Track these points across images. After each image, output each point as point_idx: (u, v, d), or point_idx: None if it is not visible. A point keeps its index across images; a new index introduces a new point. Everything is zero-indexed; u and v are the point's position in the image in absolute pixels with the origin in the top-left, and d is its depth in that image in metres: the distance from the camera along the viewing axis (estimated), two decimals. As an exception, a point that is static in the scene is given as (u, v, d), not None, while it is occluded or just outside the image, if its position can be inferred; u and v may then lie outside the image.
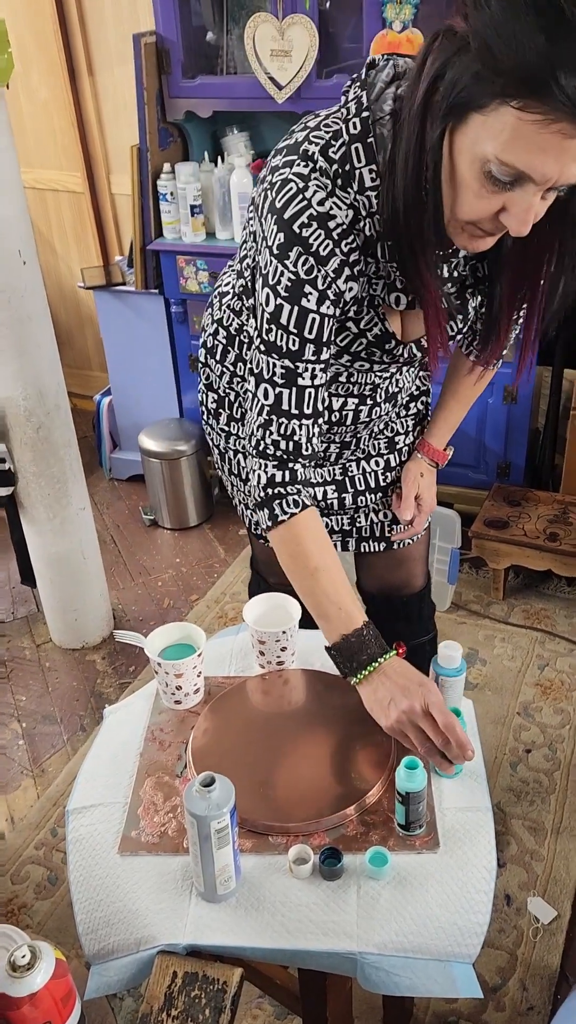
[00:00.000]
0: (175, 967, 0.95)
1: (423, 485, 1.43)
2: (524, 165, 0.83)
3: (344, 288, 1.04)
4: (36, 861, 1.86)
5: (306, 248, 0.99)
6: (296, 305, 1.02)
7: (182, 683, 1.22)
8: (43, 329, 2.03)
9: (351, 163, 0.98)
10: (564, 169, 0.83)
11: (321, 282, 1.01)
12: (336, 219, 0.99)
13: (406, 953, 0.97)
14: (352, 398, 1.26)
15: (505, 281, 1.08)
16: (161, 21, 2.43)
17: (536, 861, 1.78)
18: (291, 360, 1.05)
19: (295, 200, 0.99)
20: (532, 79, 0.77)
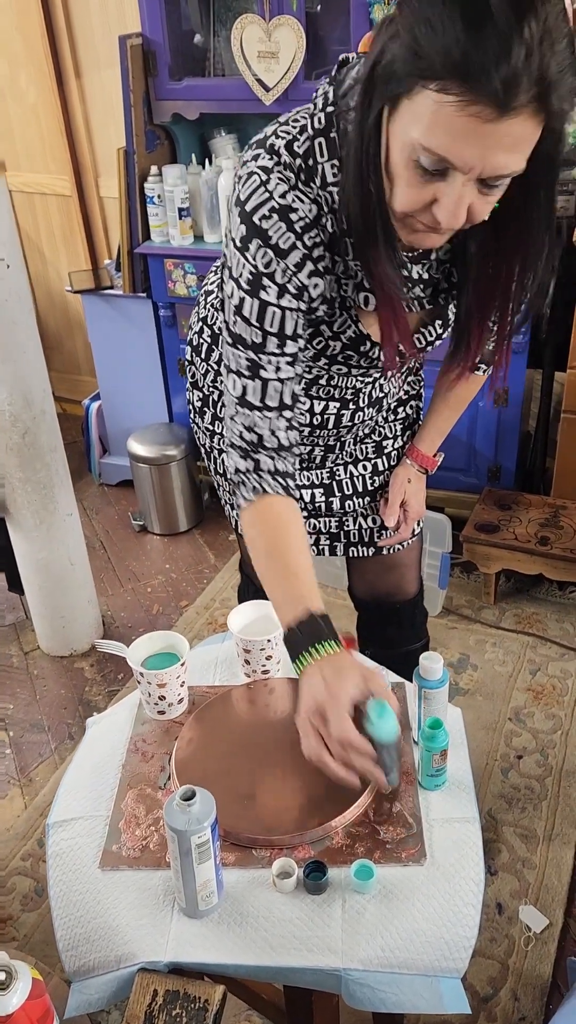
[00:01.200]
0: (156, 985, 0.93)
1: (410, 491, 1.42)
2: (445, 151, 0.83)
3: (307, 283, 1.02)
4: (23, 872, 1.83)
5: (265, 240, 0.99)
6: (256, 298, 1.01)
7: (165, 693, 1.20)
8: (28, 334, 2.01)
9: (314, 158, 0.98)
10: (487, 156, 0.82)
11: (280, 275, 1.00)
12: (298, 212, 0.98)
13: (392, 969, 0.95)
14: (334, 402, 1.24)
15: (473, 286, 1.06)
16: (147, 23, 2.42)
17: (528, 869, 1.76)
18: (254, 352, 1.04)
19: (257, 192, 0.98)
20: (448, 61, 0.77)
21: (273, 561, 1.06)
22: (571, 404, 2.35)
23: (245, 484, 1.09)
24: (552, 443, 2.59)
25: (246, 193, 0.99)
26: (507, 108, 0.78)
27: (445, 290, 1.11)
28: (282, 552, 1.06)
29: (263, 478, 1.08)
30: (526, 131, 0.82)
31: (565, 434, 2.40)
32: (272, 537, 1.07)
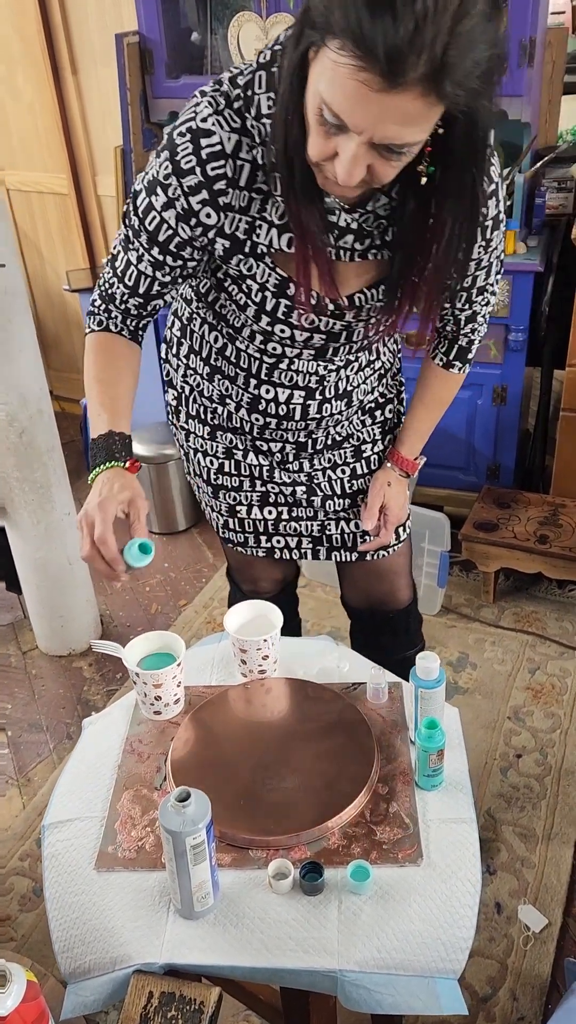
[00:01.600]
0: (151, 987, 0.93)
1: (390, 495, 1.40)
2: (338, 108, 0.83)
3: (197, 208, 1.04)
4: (21, 872, 1.83)
5: (172, 154, 1.03)
6: (148, 197, 1.06)
7: (161, 693, 1.20)
8: (25, 333, 2.00)
9: (252, 89, 0.99)
10: (376, 124, 0.82)
11: (172, 190, 1.04)
12: (212, 138, 1.00)
13: (388, 970, 0.94)
14: (297, 391, 1.24)
15: (401, 251, 1.05)
16: (144, 21, 2.41)
17: (527, 868, 1.76)
18: (131, 233, 1.11)
19: (186, 112, 1.03)
20: (345, 23, 0.77)
21: (99, 385, 1.15)
22: (570, 402, 2.34)
23: (94, 316, 1.19)
24: (551, 441, 2.58)
25: (183, 112, 1.04)
26: (393, 82, 0.77)
27: (379, 246, 1.09)
28: (109, 380, 1.16)
29: (111, 319, 1.18)
30: (418, 108, 0.81)
31: (564, 432, 2.39)
32: (105, 365, 1.17)
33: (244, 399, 1.28)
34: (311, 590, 2.55)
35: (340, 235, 1.06)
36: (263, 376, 1.23)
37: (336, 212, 1.04)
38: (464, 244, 1.03)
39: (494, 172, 1.07)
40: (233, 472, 1.39)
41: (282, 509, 1.43)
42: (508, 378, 2.43)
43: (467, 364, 1.34)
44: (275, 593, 1.64)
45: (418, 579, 2.39)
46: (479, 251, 1.14)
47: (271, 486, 1.40)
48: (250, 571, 1.59)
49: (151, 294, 1.15)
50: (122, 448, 1.11)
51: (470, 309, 1.25)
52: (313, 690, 1.24)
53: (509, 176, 2.31)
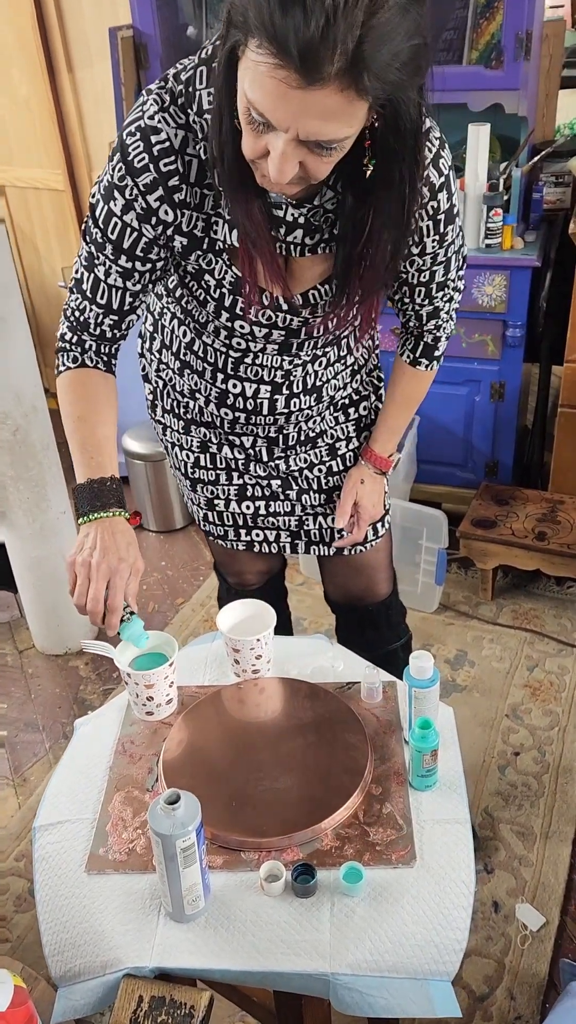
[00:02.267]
0: (141, 991, 0.92)
1: (363, 492, 1.39)
2: (261, 107, 0.83)
3: (155, 206, 1.03)
4: (16, 873, 1.82)
5: (124, 156, 1.02)
6: (106, 204, 1.05)
7: (153, 694, 1.19)
8: (19, 329, 1.99)
9: (193, 85, 0.99)
10: (298, 121, 0.82)
11: (129, 192, 1.03)
12: (160, 135, 0.99)
13: (381, 972, 0.94)
14: (264, 385, 1.23)
15: (346, 239, 1.04)
16: (138, 15, 2.40)
17: (525, 867, 1.75)
18: (95, 249, 1.09)
19: (134, 111, 1.02)
20: (259, 22, 0.77)
21: (84, 426, 1.12)
22: (568, 398, 2.33)
23: (66, 352, 1.16)
24: (550, 438, 2.57)
25: (130, 112, 1.03)
26: (310, 78, 0.77)
27: (327, 240, 1.08)
28: (94, 421, 1.13)
29: (86, 353, 1.16)
30: (338, 103, 0.80)
31: (562, 428, 2.38)
32: (84, 406, 1.14)
33: (212, 393, 1.27)
34: (308, 587, 2.54)
35: (289, 230, 1.05)
36: (229, 371, 1.22)
37: (283, 207, 1.03)
38: (396, 237, 1.02)
39: (443, 164, 1.06)
40: (209, 466, 1.39)
41: (259, 504, 1.42)
42: (506, 374, 2.42)
43: (435, 362, 1.33)
44: (260, 585, 1.64)
45: (416, 576, 2.38)
46: (433, 245, 1.13)
47: (248, 478, 1.40)
48: (234, 564, 1.59)
49: (124, 309, 1.13)
50: (118, 496, 1.10)
51: (430, 305, 1.24)
52: (307, 690, 1.23)
53: (506, 171, 2.29)
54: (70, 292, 1.15)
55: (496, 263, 2.26)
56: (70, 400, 1.15)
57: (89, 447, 1.11)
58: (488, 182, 2.26)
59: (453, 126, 2.32)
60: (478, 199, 2.25)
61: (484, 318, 2.34)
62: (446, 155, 1.06)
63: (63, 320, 1.17)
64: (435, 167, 1.05)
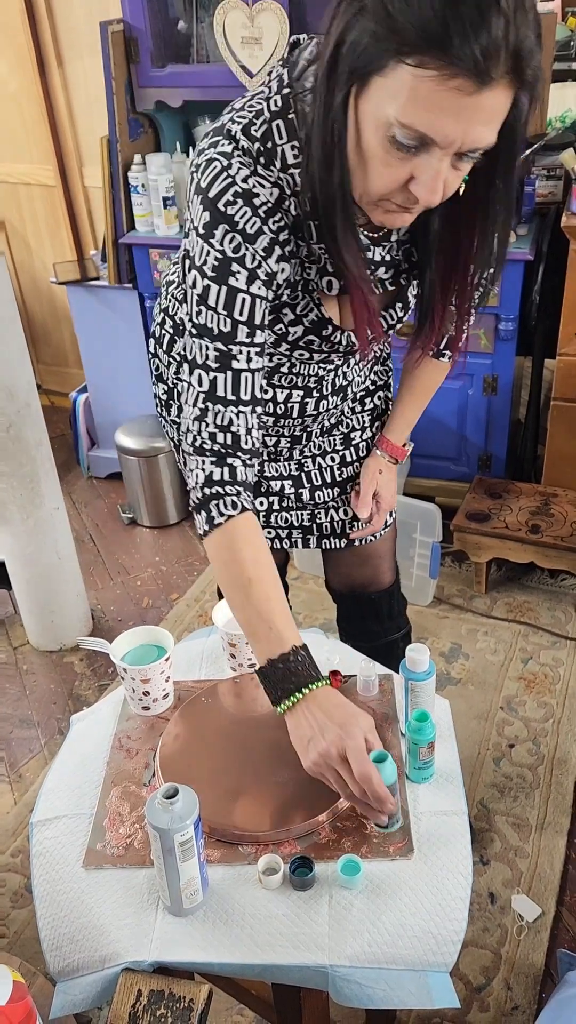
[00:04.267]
0: (140, 985, 0.92)
1: (381, 482, 1.40)
2: (425, 126, 0.81)
3: (276, 268, 1.00)
4: (13, 869, 1.82)
5: (232, 226, 0.96)
6: (224, 284, 0.98)
7: (149, 688, 1.19)
8: (11, 326, 1.98)
9: (272, 140, 0.96)
10: (467, 130, 0.81)
11: (250, 260, 0.98)
12: (260, 197, 0.97)
13: (379, 964, 0.94)
14: (297, 390, 1.23)
15: (435, 265, 1.05)
16: (129, 9, 2.38)
17: (520, 858, 1.76)
18: (223, 342, 0.99)
19: (219, 178, 0.96)
20: (426, 34, 0.76)
21: (252, 592, 0.99)
22: (561, 391, 2.33)
23: (222, 498, 1.00)
24: (543, 431, 2.57)
25: (207, 180, 0.96)
26: (486, 80, 0.77)
27: (406, 271, 1.09)
28: (261, 579, 0.99)
29: (241, 493, 1.01)
30: (501, 103, 0.81)
31: (555, 421, 2.38)
32: (254, 563, 1.00)
33: None
34: (303, 582, 2.54)
35: (374, 270, 1.06)
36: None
37: (371, 249, 1.04)
38: (496, 251, 1.01)
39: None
40: None
41: (273, 499, 1.42)
42: (499, 368, 2.42)
43: (456, 353, 1.33)
44: None
45: (410, 570, 2.39)
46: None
47: (262, 477, 1.39)
48: None
49: (263, 390, 1.05)
50: (312, 663, 0.98)
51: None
52: (303, 683, 1.23)
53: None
54: (196, 424, 1.01)
55: (488, 257, 2.26)
56: (228, 560, 1.00)
57: (260, 623, 0.98)
58: (480, 175, 2.25)
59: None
60: (470, 192, 2.25)
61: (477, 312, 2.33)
62: None
63: (197, 464, 1.01)
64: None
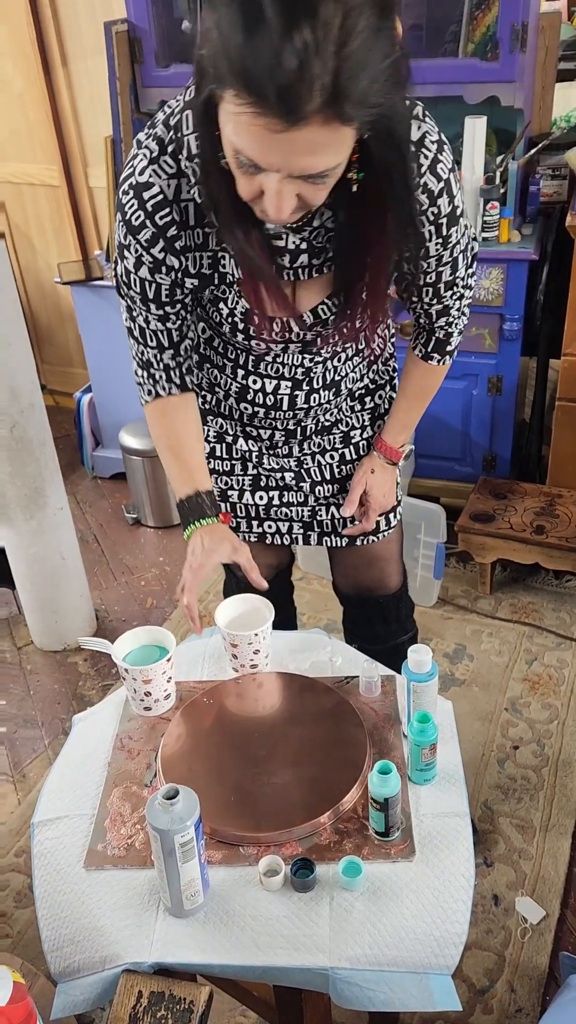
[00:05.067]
0: (140, 986, 0.92)
1: (373, 482, 1.39)
2: (249, 152, 0.83)
3: (160, 257, 1.06)
4: (16, 869, 1.82)
5: (123, 216, 1.05)
6: (122, 263, 1.10)
7: (151, 689, 1.19)
8: (14, 326, 1.98)
9: (181, 131, 0.99)
10: (287, 160, 0.82)
11: (135, 248, 1.07)
12: (152, 189, 1.02)
13: (381, 966, 0.94)
14: (284, 381, 1.24)
15: (340, 259, 1.06)
16: (133, 9, 2.38)
17: (524, 860, 1.75)
18: (128, 302, 1.14)
19: (127, 167, 1.04)
20: (232, 69, 0.76)
21: (171, 451, 1.23)
22: (566, 391, 2.32)
23: (143, 386, 1.23)
24: (547, 431, 2.56)
25: (125, 166, 1.05)
26: (291, 120, 0.76)
27: (332, 258, 1.09)
28: (179, 443, 1.23)
29: (157, 383, 1.21)
30: (324, 137, 0.80)
31: (560, 422, 2.38)
32: (171, 430, 1.23)
33: (232, 388, 1.28)
34: (307, 583, 2.54)
35: (294, 257, 1.07)
36: (250, 367, 1.23)
37: (283, 236, 1.04)
38: (395, 246, 1.03)
39: (441, 169, 1.05)
40: (224, 456, 1.40)
41: (273, 494, 1.42)
42: (503, 368, 2.41)
43: (447, 356, 1.33)
44: (268, 579, 1.63)
45: (414, 571, 2.38)
46: (437, 248, 1.12)
47: (261, 470, 1.40)
48: None
49: (175, 341, 1.18)
50: (210, 504, 1.22)
51: (439, 303, 1.24)
52: (305, 684, 1.23)
53: (503, 164, 2.28)
54: (128, 336, 1.20)
55: (493, 256, 2.25)
56: (155, 432, 1.25)
57: (175, 469, 1.23)
58: (485, 175, 2.25)
59: (449, 119, 2.31)
60: (475, 192, 2.24)
61: (481, 312, 2.33)
62: (444, 158, 1.05)
63: (132, 357, 1.22)
64: (432, 173, 1.04)
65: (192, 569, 1.21)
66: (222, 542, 1.21)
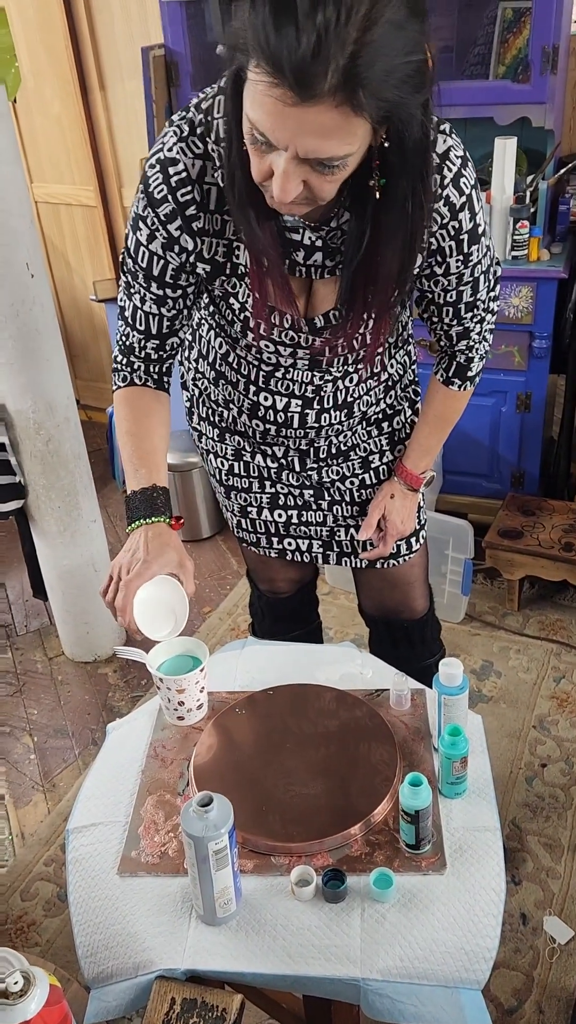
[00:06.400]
0: (173, 993, 0.93)
1: (391, 507, 1.39)
2: (260, 125, 0.84)
3: (176, 235, 1.07)
4: (46, 878, 1.84)
5: (145, 188, 1.06)
6: (134, 235, 1.10)
7: (184, 699, 1.20)
8: (52, 342, 2.03)
9: (212, 114, 1.02)
10: (296, 138, 0.83)
11: (151, 221, 1.07)
12: (178, 166, 1.03)
13: (411, 979, 0.94)
14: (295, 399, 1.25)
15: (347, 262, 1.05)
16: (170, 34, 2.44)
17: (552, 879, 1.74)
18: (130, 277, 1.15)
19: (156, 143, 1.06)
20: (256, 42, 0.78)
21: (132, 439, 1.18)
22: (596, 409, 2.32)
23: (118, 372, 1.22)
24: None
25: (154, 144, 1.07)
26: (304, 95, 0.78)
27: (344, 263, 1.08)
28: (141, 435, 1.19)
29: (135, 372, 1.21)
30: (335, 120, 0.81)
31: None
32: (135, 420, 1.19)
33: (245, 405, 1.29)
34: (334, 597, 2.55)
35: (308, 254, 1.07)
36: (261, 383, 1.24)
37: (300, 230, 1.05)
38: (400, 257, 1.02)
39: (464, 183, 1.06)
40: (243, 473, 1.41)
41: (292, 512, 1.44)
42: (532, 385, 2.42)
43: (468, 383, 1.31)
44: (292, 593, 1.65)
45: (442, 587, 2.38)
46: (457, 265, 1.13)
47: (280, 487, 1.41)
48: (266, 571, 1.61)
49: (163, 332, 1.18)
50: (164, 503, 1.15)
51: (459, 325, 1.23)
52: (336, 696, 1.24)
53: (533, 183, 2.30)
54: (119, 318, 1.20)
55: (522, 275, 2.26)
56: (121, 417, 1.21)
57: (135, 460, 1.16)
58: (515, 195, 2.27)
59: (480, 140, 2.34)
60: (505, 212, 2.26)
61: (510, 329, 2.34)
62: (468, 174, 1.06)
63: (115, 342, 1.22)
64: (455, 186, 1.05)
65: (127, 571, 1.10)
66: (167, 550, 1.11)
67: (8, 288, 1.91)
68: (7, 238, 1.87)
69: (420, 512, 1.45)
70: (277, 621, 1.69)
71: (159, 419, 1.21)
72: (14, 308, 1.93)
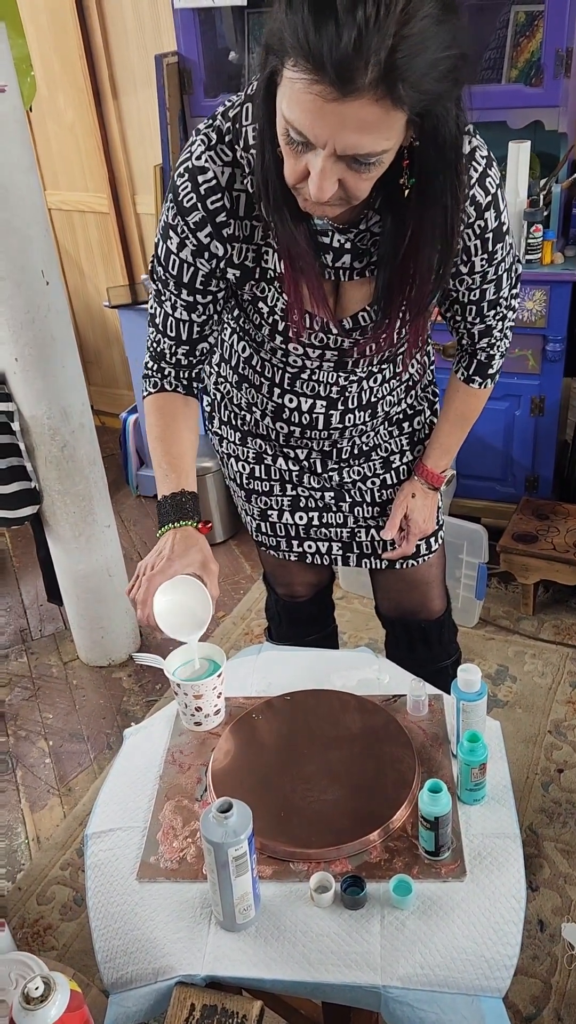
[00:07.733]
0: (193, 999, 0.93)
1: (413, 506, 1.39)
2: (299, 124, 0.85)
3: (206, 242, 1.09)
4: (62, 882, 1.84)
5: (175, 196, 1.08)
6: (164, 243, 1.12)
7: (202, 704, 1.20)
8: (67, 349, 2.04)
9: (240, 121, 1.03)
10: (335, 135, 0.83)
11: (181, 230, 1.09)
12: (207, 174, 1.04)
13: (432, 986, 0.93)
14: (320, 400, 1.25)
15: (383, 266, 1.06)
16: (183, 42, 2.45)
17: (570, 885, 1.73)
18: (160, 285, 1.16)
19: (184, 152, 1.07)
20: (296, 40, 0.79)
21: (162, 445, 1.20)
22: (611, 412, 2.31)
23: (149, 379, 1.24)
24: (591, 452, 2.55)
25: (181, 153, 1.08)
26: (345, 91, 0.79)
27: (374, 263, 1.09)
28: (171, 440, 1.20)
29: (165, 378, 1.23)
30: (375, 115, 0.81)
31: (605, 442, 2.36)
32: (165, 425, 1.21)
33: (269, 407, 1.30)
34: (348, 601, 2.54)
35: (337, 256, 1.08)
36: (286, 385, 1.25)
37: (329, 233, 1.06)
38: (439, 257, 1.02)
39: (490, 183, 1.07)
40: (264, 477, 1.41)
41: (313, 515, 1.44)
42: (546, 389, 2.41)
43: (488, 380, 1.33)
44: (309, 597, 1.65)
45: (456, 591, 2.38)
46: (482, 264, 1.14)
47: (301, 490, 1.42)
48: (284, 575, 1.61)
49: (194, 338, 1.19)
50: (192, 508, 1.17)
51: (482, 323, 1.25)
52: (353, 702, 1.24)
53: (546, 187, 2.30)
54: (148, 324, 1.22)
55: (536, 278, 2.26)
56: (152, 422, 1.23)
57: (164, 465, 1.19)
58: (528, 198, 2.27)
59: (493, 144, 2.30)
60: (518, 215, 2.26)
61: (524, 333, 2.33)
62: (493, 174, 1.08)
63: (146, 349, 1.24)
64: (481, 186, 1.06)
65: (151, 569, 1.12)
66: (192, 550, 1.13)
67: (24, 295, 1.92)
68: (23, 245, 1.88)
69: (439, 511, 1.45)
70: (294, 625, 1.70)
71: (188, 424, 1.22)
72: (30, 315, 1.94)
